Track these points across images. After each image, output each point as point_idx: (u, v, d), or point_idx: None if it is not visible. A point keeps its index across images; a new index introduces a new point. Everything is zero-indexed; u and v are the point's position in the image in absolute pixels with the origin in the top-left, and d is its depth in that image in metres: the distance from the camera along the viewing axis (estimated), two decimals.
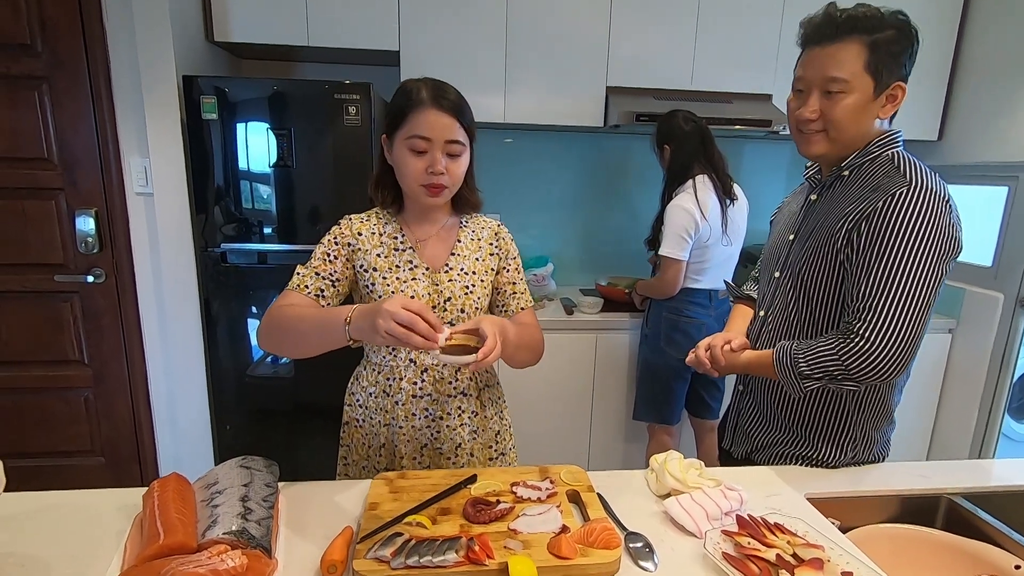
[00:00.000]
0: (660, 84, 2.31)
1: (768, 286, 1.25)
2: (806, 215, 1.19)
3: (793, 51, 2.32)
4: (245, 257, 2.02)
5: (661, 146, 2.02)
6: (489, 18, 2.18)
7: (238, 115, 1.91)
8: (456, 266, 1.14)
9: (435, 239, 1.16)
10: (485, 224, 1.22)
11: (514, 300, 1.20)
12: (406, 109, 1.03)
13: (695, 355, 1.24)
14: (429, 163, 1.03)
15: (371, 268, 1.11)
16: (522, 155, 2.64)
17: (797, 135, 1.13)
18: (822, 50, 1.04)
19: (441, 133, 1.03)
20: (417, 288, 1.10)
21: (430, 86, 1.04)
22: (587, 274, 2.76)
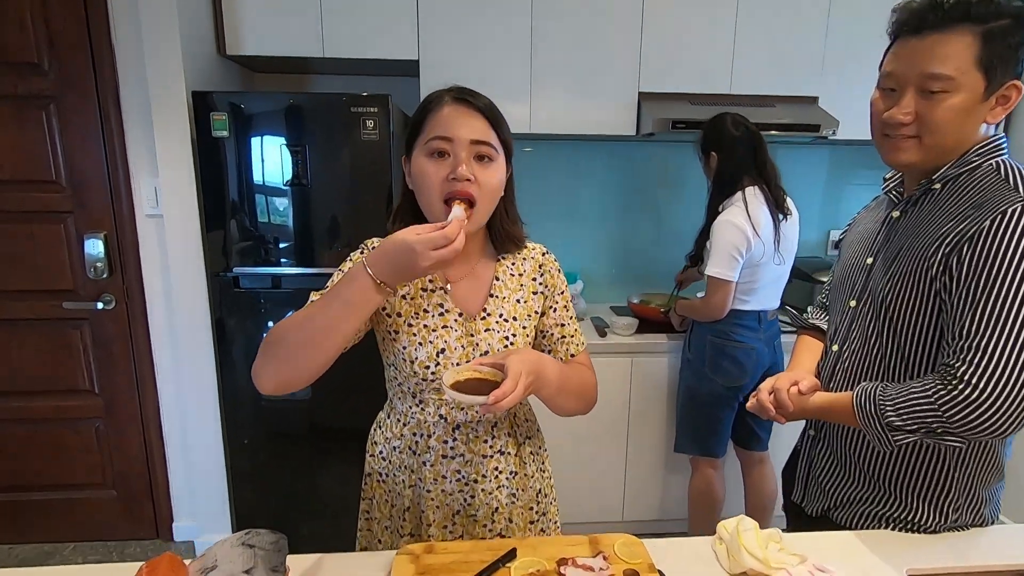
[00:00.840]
0: (697, 88, 2.15)
1: (842, 316, 1.08)
2: (888, 235, 1.02)
3: (841, 49, 2.15)
4: (259, 281, 1.91)
5: (707, 152, 1.85)
6: (513, 23, 2.06)
7: (251, 131, 1.81)
8: (494, 311, 0.98)
9: (469, 279, 1.00)
10: (527, 254, 1.05)
11: (563, 345, 1.04)
12: (425, 114, 0.91)
13: (757, 400, 1.08)
14: (452, 168, 0.87)
15: (394, 312, 0.96)
16: (547, 165, 2.50)
17: (882, 140, 0.97)
18: (921, 41, 0.88)
19: (465, 131, 0.87)
20: (449, 339, 0.95)
21: (454, 88, 0.91)
22: (618, 290, 2.60)
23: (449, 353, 0.95)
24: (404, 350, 0.94)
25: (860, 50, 2.15)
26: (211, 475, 2.09)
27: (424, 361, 0.94)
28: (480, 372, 0.87)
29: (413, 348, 0.94)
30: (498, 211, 0.97)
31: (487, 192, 0.90)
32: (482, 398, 0.77)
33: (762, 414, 1.09)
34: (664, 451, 2.20)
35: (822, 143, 2.44)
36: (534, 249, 1.06)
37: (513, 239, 1.01)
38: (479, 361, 0.88)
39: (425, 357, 0.94)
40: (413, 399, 0.98)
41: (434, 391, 0.96)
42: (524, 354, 0.86)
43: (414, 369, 0.94)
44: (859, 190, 2.65)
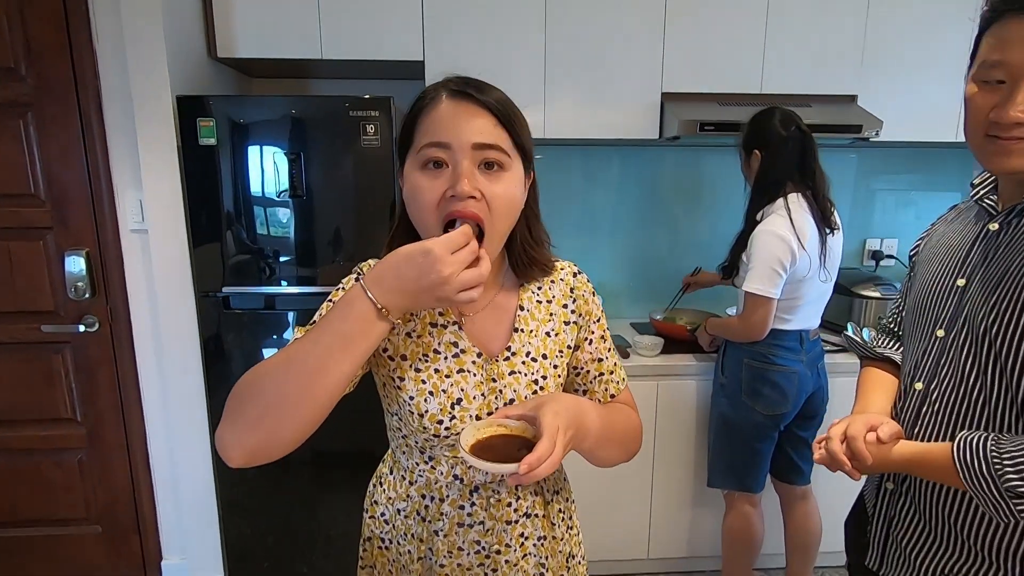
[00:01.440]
0: (725, 88, 1.99)
1: (926, 348, 0.91)
2: (986, 252, 0.85)
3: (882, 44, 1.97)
4: (251, 301, 1.76)
5: (750, 150, 1.65)
6: (526, 19, 1.91)
7: (241, 139, 1.66)
8: (520, 349, 0.81)
9: (488, 311, 0.82)
10: (555, 276, 0.87)
11: (601, 384, 0.87)
12: (416, 115, 0.73)
13: (826, 450, 0.90)
14: (450, 181, 0.68)
15: (397, 355, 0.79)
16: (561, 173, 2.34)
17: (985, 143, 0.79)
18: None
19: (466, 132, 0.68)
20: (466, 386, 0.78)
21: (452, 79, 0.73)
22: (639, 306, 2.42)
23: (466, 403, 0.78)
24: (411, 401, 0.77)
25: (903, 44, 1.98)
26: (202, 508, 1.93)
27: (436, 415, 0.77)
28: (506, 427, 0.70)
29: (422, 399, 0.77)
30: (518, 230, 0.80)
31: (499, 209, 0.71)
32: (512, 466, 0.61)
33: (832, 466, 0.91)
34: (693, 482, 2.01)
35: (855, 146, 2.26)
36: (563, 269, 0.88)
37: (538, 264, 0.84)
38: (504, 412, 0.71)
39: (437, 409, 0.77)
40: (421, 455, 0.81)
41: (448, 447, 0.79)
42: (559, 402, 0.70)
43: (423, 424, 0.77)
44: (890, 196, 2.46)
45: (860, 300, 2.13)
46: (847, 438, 0.89)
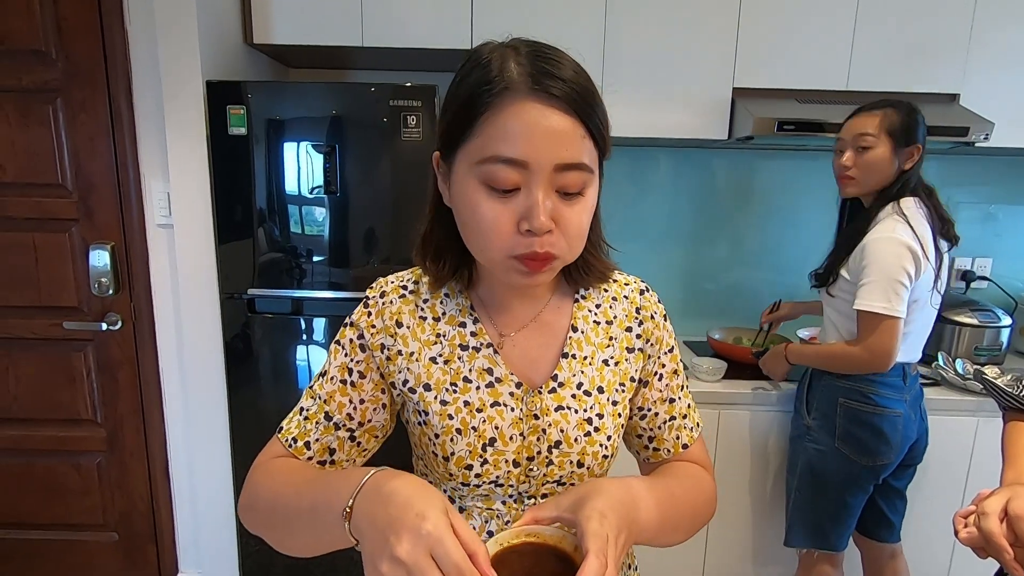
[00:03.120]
0: (805, 84, 1.77)
1: None
2: None
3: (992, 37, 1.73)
4: (277, 305, 1.63)
5: (911, 143, 1.37)
6: (583, 5, 1.74)
7: (274, 130, 1.54)
8: (570, 379, 0.66)
9: (531, 331, 0.68)
10: (616, 291, 0.72)
11: (671, 431, 0.72)
12: (476, 101, 0.54)
13: (982, 530, 0.70)
14: (523, 211, 0.54)
15: (420, 385, 0.65)
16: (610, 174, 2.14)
17: None
18: None
19: (549, 149, 0.53)
20: (501, 423, 0.63)
21: (524, 52, 0.55)
22: (694, 323, 2.21)
23: (501, 444, 0.63)
24: (436, 440, 0.64)
25: (1016, 33, 1.73)
26: (220, 521, 1.82)
27: (464, 458, 0.63)
28: (538, 536, 0.52)
29: (448, 438, 0.63)
30: None
31: (574, 237, 0.58)
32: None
33: (984, 551, 0.71)
34: (752, 528, 1.79)
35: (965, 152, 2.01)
36: (627, 285, 0.73)
37: (595, 271, 0.69)
38: (534, 515, 0.53)
39: (466, 451, 0.63)
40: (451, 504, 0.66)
41: (481, 498, 0.65)
42: (604, 497, 0.52)
43: (449, 469, 0.63)
44: (973, 210, 2.18)
45: (953, 327, 1.88)
46: (1010, 517, 0.68)
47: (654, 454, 0.74)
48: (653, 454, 0.74)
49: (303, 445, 0.66)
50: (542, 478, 0.65)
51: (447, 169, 0.60)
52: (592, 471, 0.66)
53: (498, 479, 0.64)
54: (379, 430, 0.70)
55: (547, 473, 0.65)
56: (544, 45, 0.58)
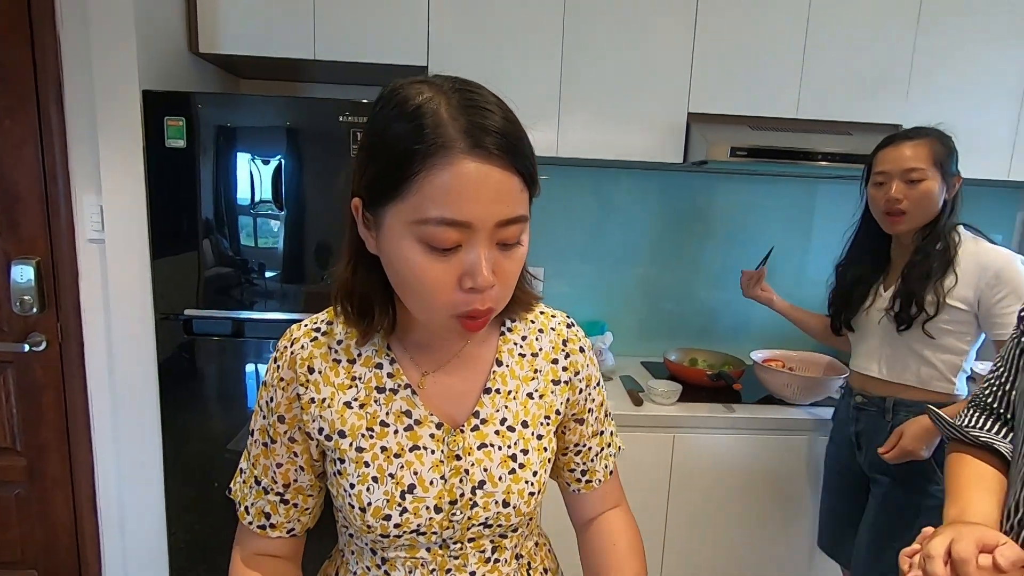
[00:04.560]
0: (758, 111, 1.81)
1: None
2: None
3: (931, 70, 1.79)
4: (216, 327, 1.55)
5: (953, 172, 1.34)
6: (541, 28, 1.73)
7: (221, 140, 1.47)
8: (493, 416, 0.64)
9: (453, 367, 0.65)
10: (543, 324, 0.70)
11: (601, 461, 0.75)
12: (410, 159, 0.50)
13: (924, 572, 0.69)
14: (466, 268, 0.52)
15: (335, 432, 0.61)
16: (569, 195, 2.15)
17: None
18: None
19: (490, 208, 0.51)
20: (421, 468, 0.61)
21: (456, 102, 0.52)
22: (651, 343, 2.21)
23: (421, 490, 0.60)
24: (351, 491, 0.60)
25: (953, 71, 1.81)
26: (151, 555, 1.70)
27: (382, 508, 0.59)
28: None
29: (364, 487, 0.60)
30: None
31: (510, 284, 0.57)
32: None
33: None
34: (711, 554, 1.78)
35: None
36: (554, 317, 0.71)
37: (521, 302, 0.66)
38: None
39: (383, 501, 0.59)
40: (373, 556, 0.64)
41: (404, 548, 0.62)
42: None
43: (367, 521, 0.59)
44: None
45: None
46: (954, 560, 0.67)
47: (586, 486, 0.75)
48: (586, 486, 0.75)
49: (244, 510, 0.67)
50: (467, 521, 0.62)
51: (373, 220, 0.55)
52: (519, 510, 0.63)
53: (419, 527, 0.60)
54: (310, 489, 0.67)
55: (472, 516, 0.62)
56: (471, 88, 0.54)
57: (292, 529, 0.67)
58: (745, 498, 1.75)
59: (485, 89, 0.55)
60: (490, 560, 0.66)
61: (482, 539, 0.64)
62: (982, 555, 0.66)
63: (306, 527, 0.70)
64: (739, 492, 1.75)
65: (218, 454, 1.62)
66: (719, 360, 2.01)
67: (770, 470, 1.74)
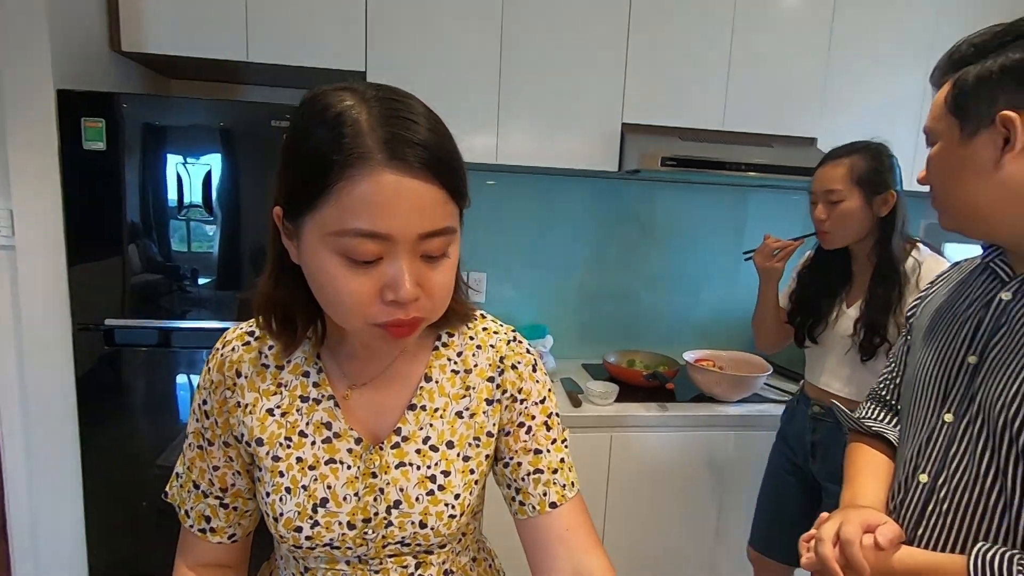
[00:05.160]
0: (686, 123, 1.90)
1: (932, 433, 0.78)
2: (997, 325, 0.73)
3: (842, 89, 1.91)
4: (140, 337, 1.48)
5: (884, 190, 1.34)
6: (479, 36, 1.76)
7: (141, 144, 1.42)
8: (415, 434, 0.63)
9: (381, 381, 0.64)
10: (483, 339, 0.69)
11: (538, 485, 0.66)
12: (327, 169, 0.49)
13: (817, 555, 0.75)
14: (387, 280, 0.51)
15: (253, 440, 0.61)
16: (513, 201, 2.18)
17: None
18: None
19: (411, 220, 0.50)
20: (334, 482, 0.60)
21: (377, 112, 0.50)
22: (591, 346, 2.27)
23: (334, 505, 0.60)
24: (267, 499, 0.60)
25: (861, 88, 1.96)
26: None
27: (293, 519, 0.59)
28: None
29: (277, 497, 0.60)
30: None
31: (440, 298, 0.55)
32: None
33: (819, 574, 0.76)
34: (649, 549, 1.84)
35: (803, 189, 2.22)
36: (496, 333, 0.69)
37: (456, 314, 0.65)
38: None
39: (294, 512, 0.59)
40: (296, 564, 0.64)
41: (323, 560, 0.62)
42: None
43: (279, 531, 0.59)
44: None
45: None
46: (841, 542, 0.74)
47: (520, 508, 0.67)
48: (519, 508, 0.67)
49: (183, 513, 0.66)
50: (381, 540, 0.61)
51: (293, 230, 0.54)
52: (437, 531, 0.62)
53: (332, 541, 0.60)
54: (248, 492, 0.66)
55: (387, 535, 0.61)
56: (396, 97, 0.52)
57: (233, 534, 0.67)
58: (679, 492, 1.83)
59: (414, 99, 0.54)
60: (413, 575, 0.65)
61: (403, 556, 0.63)
62: (866, 535, 0.73)
63: (248, 531, 0.69)
64: (673, 487, 1.82)
65: (147, 471, 1.55)
66: (655, 361, 2.09)
67: (702, 465, 1.82)
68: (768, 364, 1.97)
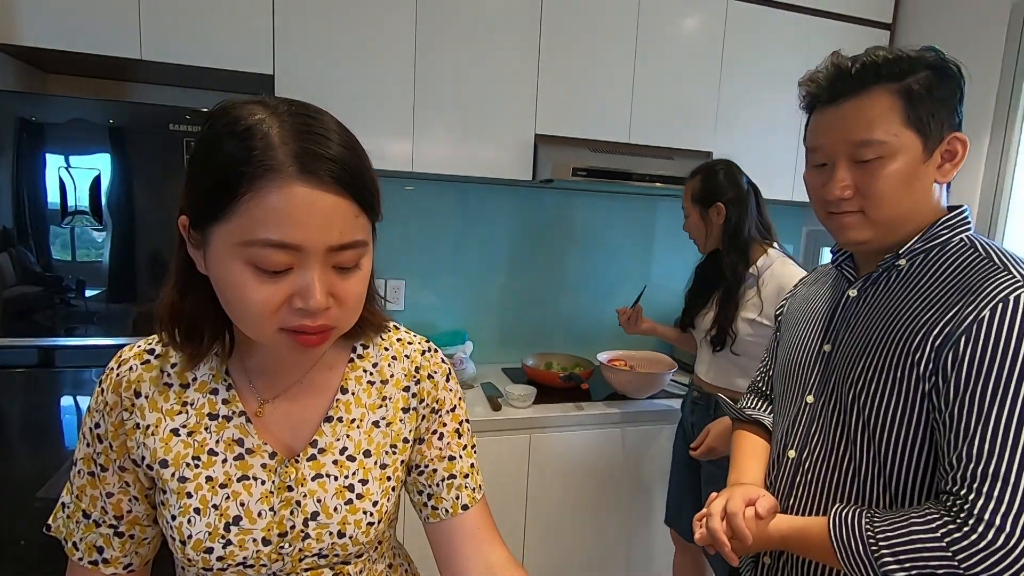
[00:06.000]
0: (595, 135, 2.00)
1: (797, 414, 0.88)
2: (846, 319, 0.85)
3: (731, 106, 2.12)
4: (20, 357, 1.35)
5: (710, 204, 1.57)
6: (392, 44, 1.76)
7: (14, 144, 1.30)
8: (332, 445, 0.64)
9: (295, 393, 0.64)
10: (399, 350, 0.70)
11: (450, 490, 0.69)
12: (237, 180, 0.49)
13: (708, 530, 0.83)
14: (298, 289, 0.52)
15: (156, 462, 0.59)
16: (431, 208, 2.19)
17: (828, 219, 0.82)
18: (839, 109, 0.76)
19: (322, 232, 0.51)
20: (248, 499, 0.59)
21: (289, 126, 0.51)
22: (510, 351, 2.33)
23: (248, 523, 0.59)
24: (172, 523, 0.58)
25: (749, 107, 2.15)
26: None
27: (203, 540, 0.58)
28: None
29: (185, 519, 0.58)
30: None
31: (351, 307, 0.56)
32: None
33: (712, 548, 0.84)
34: (568, 545, 1.91)
35: None
36: (410, 344, 0.71)
37: (370, 324, 0.66)
38: None
39: (204, 533, 0.58)
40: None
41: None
42: None
43: (187, 554, 0.58)
44: None
45: None
46: (727, 515, 0.82)
47: (432, 513, 0.70)
48: (432, 513, 0.70)
49: (71, 546, 0.61)
50: (298, 554, 0.61)
51: (200, 239, 0.54)
52: (356, 540, 0.63)
53: (246, 560, 0.59)
54: (146, 519, 0.63)
55: (304, 547, 0.61)
56: (309, 113, 0.53)
57: (130, 564, 0.63)
58: (597, 487, 1.91)
59: (327, 115, 0.55)
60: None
61: (319, 569, 0.63)
62: (748, 508, 0.82)
63: (146, 560, 0.65)
64: (591, 483, 1.90)
65: (25, 504, 1.41)
66: (571, 363, 2.17)
67: (617, 460, 1.92)
68: (674, 361, 2.10)
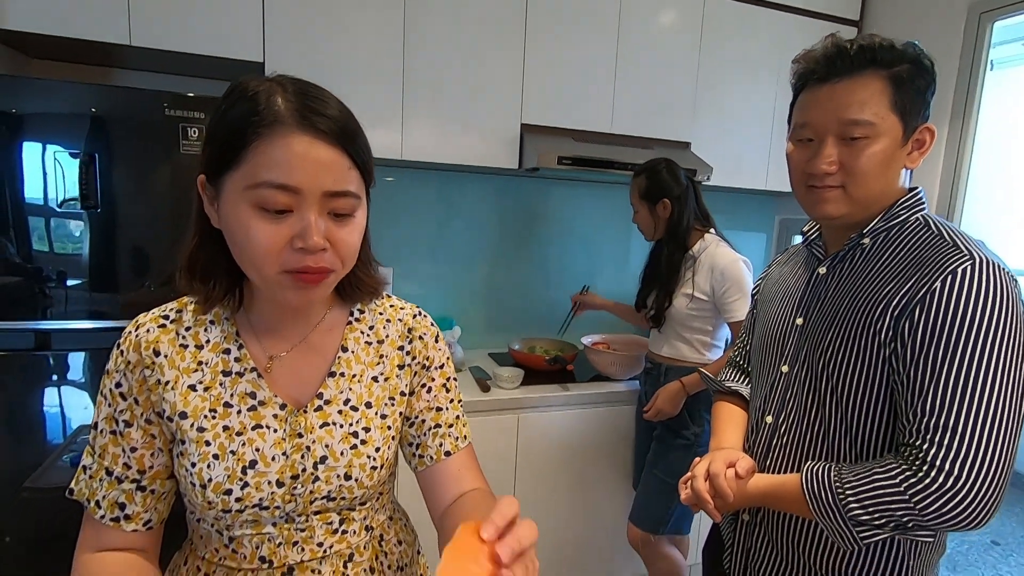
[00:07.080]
0: (579, 125, 2.06)
1: (773, 383, 0.96)
2: (816, 294, 0.93)
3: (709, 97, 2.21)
4: (17, 340, 1.36)
5: (656, 200, 1.73)
6: (381, 34, 1.79)
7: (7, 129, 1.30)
8: (336, 397, 0.70)
9: (300, 351, 0.70)
10: (392, 315, 0.78)
11: (435, 437, 0.76)
12: (245, 131, 0.57)
13: (693, 491, 0.91)
14: (297, 231, 0.58)
15: (176, 414, 0.64)
16: (418, 196, 2.23)
17: (806, 193, 0.89)
18: (833, 88, 0.82)
19: (318, 177, 0.58)
20: (262, 444, 0.65)
21: (291, 90, 0.59)
22: (497, 336, 2.39)
23: (263, 465, 0.65)
24: (192, 469, 0.63)
25: (724, 99, 2.24)
26: None
27: (222, 483, 0.63)
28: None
29: (204, 464, 0.63)
30: None
31: (347, 256, 0.63)
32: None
33: (697, 507, 0.92)
34: (558, 520, 1.99)
35: None
36: (403, 309, 0.79)
37: (367, 287, 0.73)
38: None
39: (224, 476, 0.63)
40: (220, 537, 0.67)
41: (249, 524, 0.65)
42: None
43: (207, 497, 0.63)
44: None
45: None
46: (710, 475, 0.90)
47: (419, 461, 0.76)
48: (419, 461, 0.76)
49: (94, 505, 0.65)
50: (309, 495, 0.66)
51: (214, 193, 0.61)
52: (361, 483, 0.68)
53: (262, 501, 0.64)
54: (167, 472, 0.68)
55: (314, 489, 0.66)
56: (309, 84, 0.62)
57: (149, 520, 0.67)
58: (582, 463, 1.99)
59: (327, 91, 0.63)
60: (338, 531, 0.69)
61: (328, 512, 0.68)
62: (729, 469, 0.89)
63: (162, 517, 0.69)
64: (577, 459, 1.98)
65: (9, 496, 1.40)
66: (556, 346, 2.25)
67: (601, 436, 2.00)
68: None
